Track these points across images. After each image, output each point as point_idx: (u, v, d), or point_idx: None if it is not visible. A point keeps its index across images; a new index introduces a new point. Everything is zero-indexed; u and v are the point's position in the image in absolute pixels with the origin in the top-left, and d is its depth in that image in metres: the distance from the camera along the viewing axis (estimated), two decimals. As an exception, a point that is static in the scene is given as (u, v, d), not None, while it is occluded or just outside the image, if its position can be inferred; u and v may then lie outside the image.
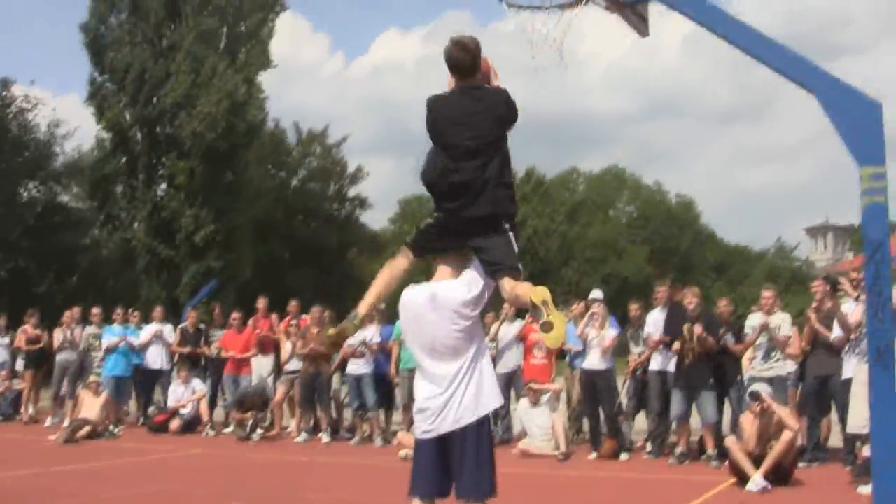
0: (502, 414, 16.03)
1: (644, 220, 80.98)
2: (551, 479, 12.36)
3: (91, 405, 17.23)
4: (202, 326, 19.16)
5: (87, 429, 16.62)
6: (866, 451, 9.17)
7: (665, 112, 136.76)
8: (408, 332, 6.18)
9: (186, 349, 18.45)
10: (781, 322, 13.10)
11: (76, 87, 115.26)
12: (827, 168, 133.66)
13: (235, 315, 18.14)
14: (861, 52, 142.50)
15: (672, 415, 13.36)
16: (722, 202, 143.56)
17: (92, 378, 17.83)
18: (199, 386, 17.96)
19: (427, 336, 5.95)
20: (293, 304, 18.06)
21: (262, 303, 18.43)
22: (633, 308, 15.06)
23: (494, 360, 15.86)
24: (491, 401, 5.89)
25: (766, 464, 10.85)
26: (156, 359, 18.74)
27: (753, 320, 13.30)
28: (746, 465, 10.88)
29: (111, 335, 18.56)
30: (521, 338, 15.61)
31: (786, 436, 10.93)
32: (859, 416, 9.95)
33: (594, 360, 13.94)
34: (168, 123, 41.82)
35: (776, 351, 13.04)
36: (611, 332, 14.13)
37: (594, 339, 13.99)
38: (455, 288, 6.01)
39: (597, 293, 15.74)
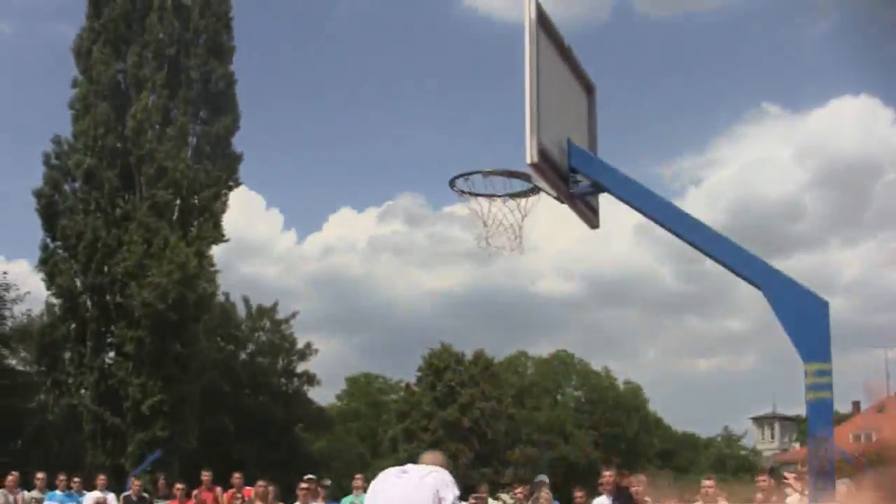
0: None
1: (591, 405, 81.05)
2: None
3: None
4: (146, 496, 18.98)
5: None
6: None
7: (614, 299, 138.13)
8: (376, 493, 6.63)
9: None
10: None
11: (27, 253, 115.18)
12: (774, 358, 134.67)
13: (179, 486, 18.05)
14: (811, 246, 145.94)
15: None
16: (669, 389, 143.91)
17: None
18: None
19: (395, 497, 6.36)
20: (237, 477, 18.07)
21: (206, 475, 18.37)
22: (579, 495, 15.19)
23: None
24: None
25: None
26: (98, 529, 18.44)
27: None
28: None
29: (53, 501, 18.33)
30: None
31: None
32: None
33: None
34: (118, 292, 42.03)
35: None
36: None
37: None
38: (430, 468, 6.51)
39: (542, 477, 15.87)
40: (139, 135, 43.11)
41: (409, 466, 6.89)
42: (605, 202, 8.12)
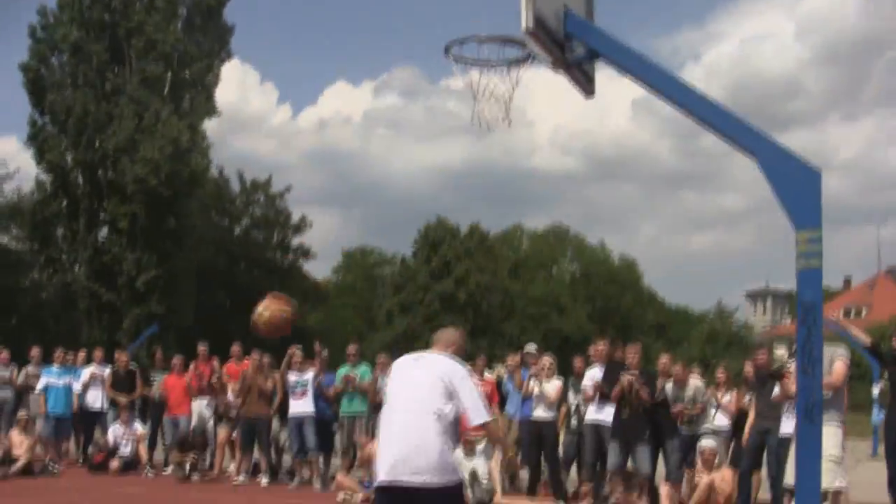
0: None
1: (586, 279, 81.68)
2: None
3: (20, 442, 17.22)
4: (133, 368, 19.23)
5: (20, 465, 16.66)
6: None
7: (611, 174, 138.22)
8: (392, 380, 6.68)
9: (127, 397, 18.43)
10: (694, 392, 13.51)
11: (16, 129, 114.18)
12: (768, 235, 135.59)
13: (177, 359, 18.19)
14: (809, 123, 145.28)
15: (609, 465, 13.58)
16: (664, 264, 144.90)
17: (20, 414, 17.82)
18: (139, 427, 18.05)
19: (407, 384, 6.52)
20: (236, 348, 18.21)
21: (202, 348, 18.46)
22: (578, 362, 15.36)
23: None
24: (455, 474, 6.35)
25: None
26: (95, 400, 18.75)
27: (668, 389, 13.67)
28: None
29: (50, 375, 18.51)
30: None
31: (704, 480, 11.36)
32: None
33: (541, 411, 14.20)
34: (110, 168, 41.80)
35: (696, 417, 13.42)
36: (556, 383, 14.43)
37: (539, 389, 14.24)
38: (443, 359, 6.66)
39: (530, 346, 16.03)
40: (127, 6, 42.48)
41: (424, 354, 6.77)
42: (604, 78, 8.09)
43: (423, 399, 6.34)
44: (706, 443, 12.20)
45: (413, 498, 6.09)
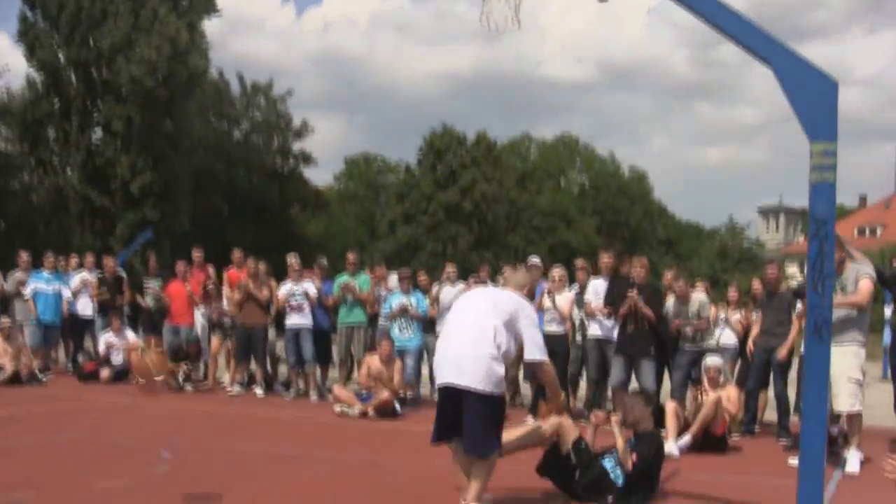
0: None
1: (595, 192, 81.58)
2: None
3: (3, 350, 17.28)
4: (121, 274, 19.18)
5: (6, 374, 16.73)
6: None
7: (624, 84, 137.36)
8: (460, 300, 7.79)
9: (120, 304, 18.42)
10: (698, 306, 13.42)
11: (5, 25, 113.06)
12: (784, 150, 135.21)
13: (181, 265, 18.06)
14: (830, 36, 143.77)
15: (611, 382, 13.60)
16: (675, 178, 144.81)
17: (3, 321, 17.79)
18: (131, 335, 18.04)
19: (472, 304, 7.50)
20: (237, 254, 18.05)
21: (197, 254, 18.37)
22: (580, 273, 15.23)
23: (434, 323, 16.14)
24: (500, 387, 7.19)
25: (694, 426, 11.30)
26: (86, 307, 18.75)
27: (668, 306, 13.61)
28: (672, 428, 11.31)
29: (39, 281, 18.47)
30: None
31: (711, 397, 11.38)
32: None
33: (553, 325, 14.19)
34: (105, 67, 41.35)
35: (700, 334, 13.36)
36: (568, 295, 14.42)
37: (551, 302, 14.22)
38: (513, 295, 7.62)
39: (534, 259, 15.97)
40: None
41: (496, 289, 7.92)
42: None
43: (484, 317, 7.19)
44: (711, 361, 12.20)
45: (463, 396, 7.05)
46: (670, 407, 11.65)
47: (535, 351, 7.31)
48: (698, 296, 13.63)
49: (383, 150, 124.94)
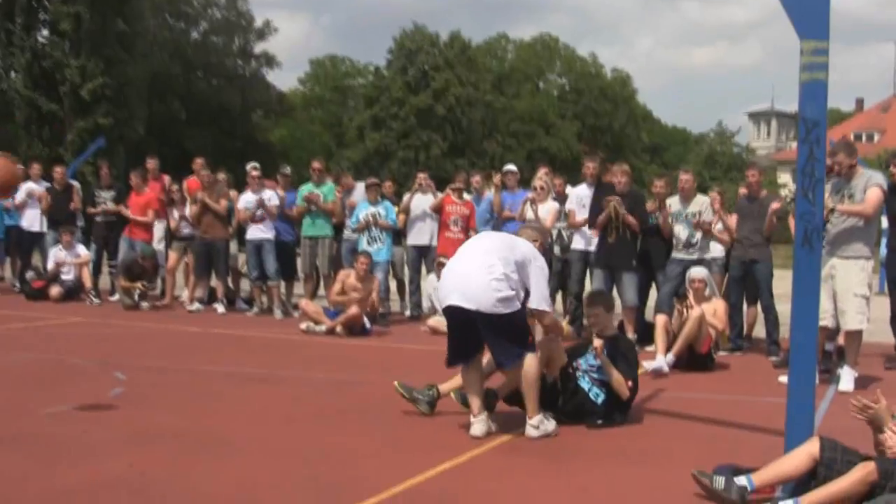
0: (411, 290, 16.36)
1: (576, 95, 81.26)
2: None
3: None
4: (72, 183, 18.99)
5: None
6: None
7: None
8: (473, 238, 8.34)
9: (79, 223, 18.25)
10: (701, 207, 13.24)
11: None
12: (775, 51, 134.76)
13: (136, 175, 17.81)
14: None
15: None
16: (661, 80, 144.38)
17: None
18: (83, 251, 17.90)
19: (485, 239, 7.97)
20: (199, 162, 17.82)
21: (151, 162, 18.19)
22: (557, 183, 15.24)
23: (406, 233, 16.10)
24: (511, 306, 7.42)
25: (677, 344, 11.31)
26: (33, 221, 18.53)
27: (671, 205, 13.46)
28: (661, 343, 11.34)
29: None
30: (437, 210, 15.67)
31: (694, 313, 11.37)
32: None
33: None
34: (50, -39, 40.59)
35: (696, 238, 13.20)
36: (553, 205, 14.35)
37: (533, 212, 14.13)
38: (526, 242, 7.90)
39: (509, 166, 15.87)
40: None
41: (506, 234, 8.22)
42: None
43: (494, 252, 7.45)
44: (695, 272, 12.15)
45: (476, 318, 7.34)
46: (660, 321, 11.64)
47: (541, 301, 7.58)
48: (703, 197, 13.51)
49: (351, 52, 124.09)
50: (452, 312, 7.53)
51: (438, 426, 7.81)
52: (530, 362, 7.50)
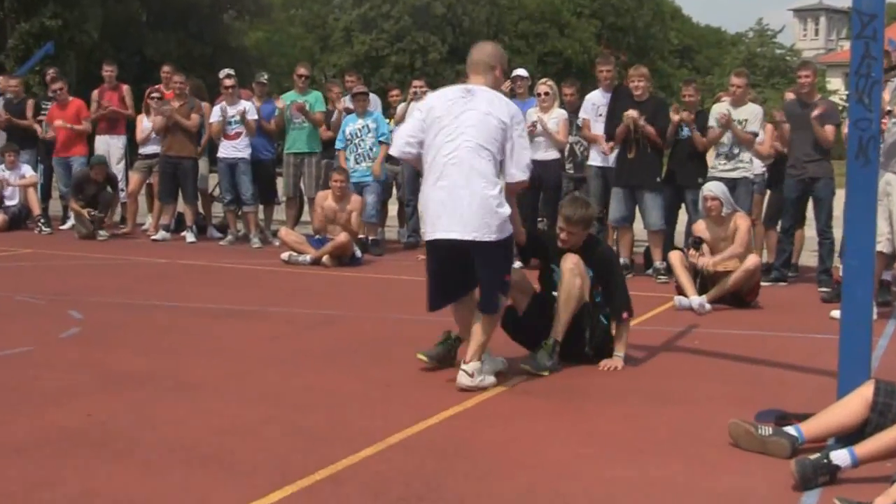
0: (408, 213, 16.28)
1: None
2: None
3: None
4: (29, 98, 18.90)
5: None
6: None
7: None
8: (437, 120, 7.25)
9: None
10: (749, 115, 13.09)
11: None
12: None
13: (58, 84, 17.68)
14: None
15: (610, 218, 13.55)
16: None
17: None
18: (29, 171, 17.84)
19: (456, 130, 7.16)
20: (167, 70, 17.71)
21: (108, 69, 18.05)
22: (568, 92, 15.07)
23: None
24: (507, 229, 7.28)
25: (713, 292, 11.12)
26: (-26, 138, 18.39)
27: (717, 111, 13.28)
28: (686, 283, 11.15)
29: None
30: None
31: (749, 262, 11.14)
32: None
33: (541, 149, 13.94)
34: None
35: (740, 149, 13.06)
36: (560, 113, 14.27)
37: (540, 124, 14.02)
38: (498, 99, 7.40)
39: (520, 71, 15.74)
40: None
41: (473, 89, 7.30)
42: None
43: (476, 148, 7.08)
44: (709, 187, 11.79)
45: (469, 249, 7.15)
46: (675, 259, 11.45)
47: (518, 172, 7.34)
48: (755, 107, 13.38)
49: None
50: (439, 247, 7.33)
51: (442, 368, 7.77)
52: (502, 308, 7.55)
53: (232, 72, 16.51)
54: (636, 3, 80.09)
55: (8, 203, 17.53)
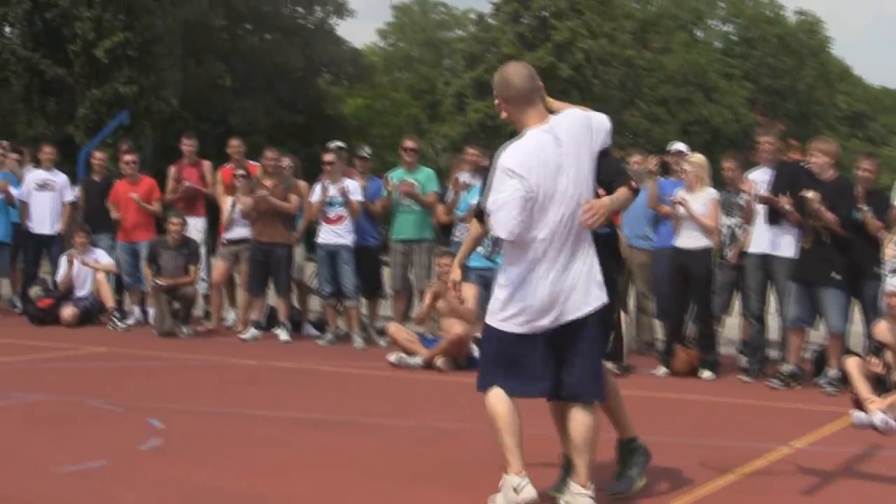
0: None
1: (746, 47, 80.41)
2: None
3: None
4: (112, 174, 19.16)
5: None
6: None
7: None
8: (537, 185, 6.89)
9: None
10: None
11: None
12: None
13: (129, 157, 17.88)
14: None
15: (788, 320, 13.43)
16: (863, 26, 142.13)
17: None
18: (104, 258, 18.08)
19: (559, 186, 6.90)
20: (235, 144, 17.96)
21: (187, 144, 18.23)
22: (727, 167, 15.01)
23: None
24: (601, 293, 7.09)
25: (893, 396, 10.88)
26: (43, 219, 18.74)
27: None
28: (867, 396, 10.90)
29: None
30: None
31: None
32: None
33: (688, 235, 13.98)
34: None
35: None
36: (710, 193, 14.20)
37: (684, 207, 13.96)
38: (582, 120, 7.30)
39: (678, 145, 15.73)
40: None
41: (555, 128, 7.02)
42: None
43: (576, 206, 6.84)
44: (892, 283, 11.61)
45: (568, 329, 7.00)
46: (853, 366, 11.20)
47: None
48: None
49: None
50: (539, 333, 7.05)
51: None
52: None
53: (342, 144, 16.60)
54: (796, 62, 79.75)
55: (78, 294, 17.80)
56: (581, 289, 6.92)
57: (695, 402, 12.48)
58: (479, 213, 7.76)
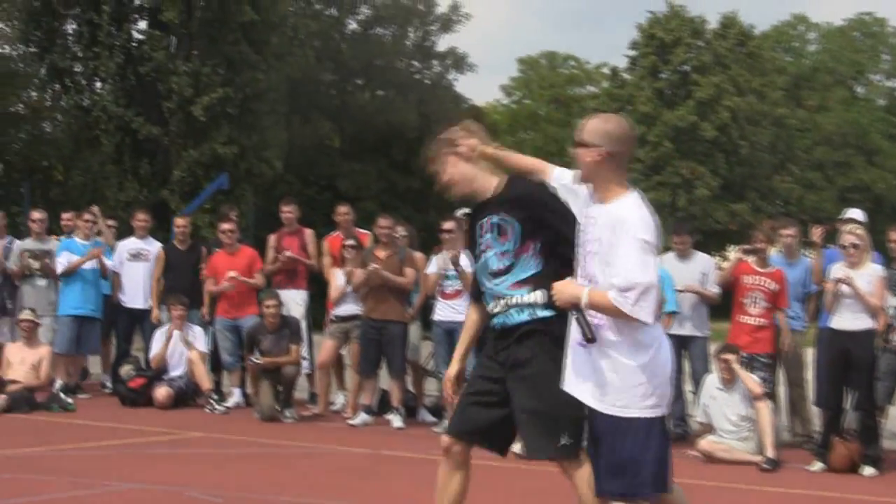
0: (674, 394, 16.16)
1: (912, 103, 79.83)
2: (751, 497, 12.50)
3: (21, 359, 17.72)
4: (205, 240, 19.29)
5: (14, 393, 17.01)
6: None
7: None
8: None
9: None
10: None
11: None
12: None
13: (227, 226, 17.99)
14: None
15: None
16: None
17: (25, 315, 18.08)
18: (200, 335, 18.29)
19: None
20: (343, 211, 18.06)
21: (287, 211, 18.32)
22: (893, 238, 14.94)
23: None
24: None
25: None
26: (136, 292, 19.00)
27: None
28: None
29: (70, 251, 18.61)
30: (726, 285, 15.54)
31: None
32: None
33: (851, 316, 13.90)
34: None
35: None
36: (875, 270, 14.11)
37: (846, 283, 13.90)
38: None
39: (855, 212, 15.66)
40: None
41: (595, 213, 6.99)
42: None
43: None
44: None
45: None
46: None
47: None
48: None
49: (575, 46, 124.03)
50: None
51: None
52: None
53: (469, 210, 16.67)
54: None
55: (173, 373, 18.01)
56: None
57: (856, 501, 12.37)
58: (477, 294, 7.90)
